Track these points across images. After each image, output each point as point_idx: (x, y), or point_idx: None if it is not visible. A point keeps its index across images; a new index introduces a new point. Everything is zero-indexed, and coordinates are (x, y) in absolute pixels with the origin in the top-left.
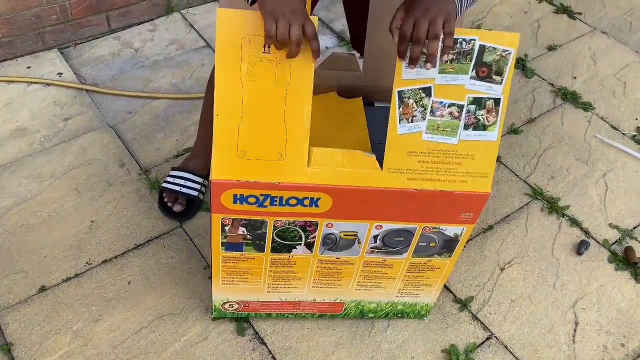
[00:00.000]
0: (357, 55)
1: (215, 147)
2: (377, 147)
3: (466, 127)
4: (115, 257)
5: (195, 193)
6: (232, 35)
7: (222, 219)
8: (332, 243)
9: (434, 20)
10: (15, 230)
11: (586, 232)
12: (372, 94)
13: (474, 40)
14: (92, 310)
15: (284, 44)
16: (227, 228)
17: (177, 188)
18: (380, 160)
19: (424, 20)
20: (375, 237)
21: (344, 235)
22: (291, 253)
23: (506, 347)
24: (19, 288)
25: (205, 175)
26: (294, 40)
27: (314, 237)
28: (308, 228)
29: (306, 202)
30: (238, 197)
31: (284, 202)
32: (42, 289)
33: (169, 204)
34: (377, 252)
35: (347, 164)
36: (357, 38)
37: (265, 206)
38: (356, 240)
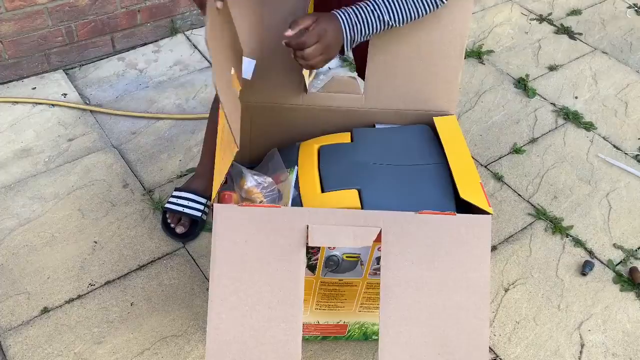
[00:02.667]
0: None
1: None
2: (378, 168)
3: None
4: (118, 278)
5: (198, 214)
6: None
7: None
8: (334, 265)
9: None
10: (19, 251)
11: (590, 253)
12: (373, 115)
13: None
14: (94, 332)
15: None
16: None
17: (180, 209)
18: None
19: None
20: (378, 259)
21: (347, 257)
22: None
23: None
24: (21, 309)
25: (209, 196)
26: None
27: (317, 259)
28: (310, 250)
29: None
30: None
31: None
32: (45, 310)
33: (172, 225)
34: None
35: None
36: (362, 70)
37: None
38: (359, 262)
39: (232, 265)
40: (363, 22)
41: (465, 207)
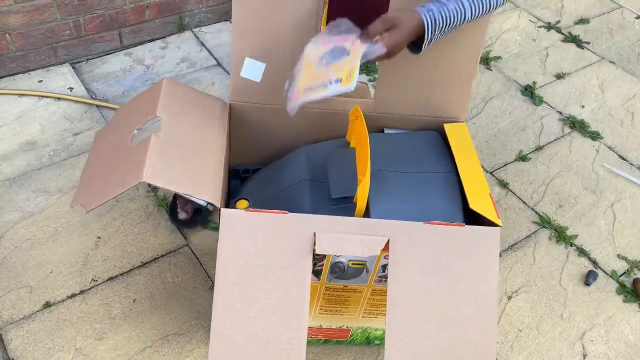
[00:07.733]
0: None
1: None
2: (386, 175)
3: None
4: (121, 275)
5: (204, 203)
6: None
7: None
8: (340, 271)
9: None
10: (22, 245)
11: (594, 263)
12: (382, 121)
13: None
14: (96, 328)
15: None
16: None
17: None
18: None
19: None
20: (384, 267)
21: (353, 264)
22: None
23: None
24: (23, 303)
25: None
26: None
27: (322, 264)
28: (316, 255)
29: None
30: None
31: None
32: (47, 304)
33: (178, 209)
34: (386, 281)
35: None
36: None
37: None
38: (364, 269)
39: (237, 271)
40: (446, 23)
41: (473, 217)
